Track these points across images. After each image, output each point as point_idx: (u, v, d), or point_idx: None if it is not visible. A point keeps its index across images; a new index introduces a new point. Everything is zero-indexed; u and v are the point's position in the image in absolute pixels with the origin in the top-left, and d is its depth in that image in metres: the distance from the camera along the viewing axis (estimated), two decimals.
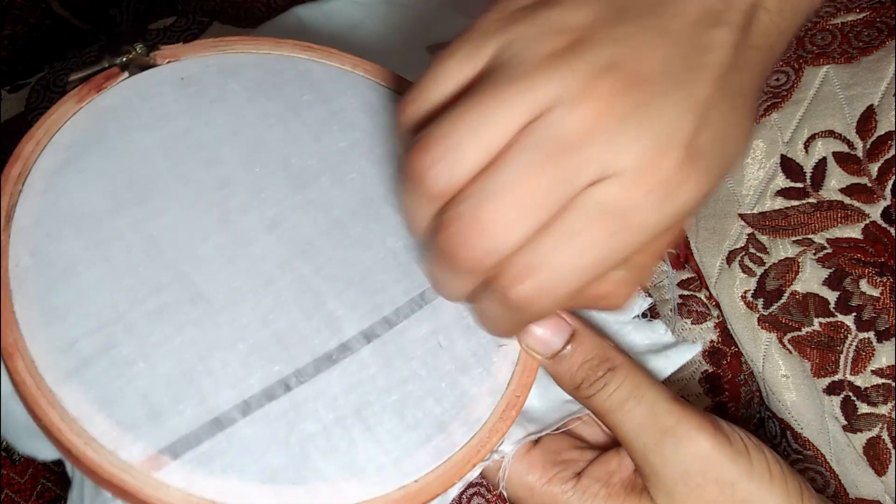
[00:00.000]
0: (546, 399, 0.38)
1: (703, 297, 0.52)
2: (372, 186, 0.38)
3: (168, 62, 0.39)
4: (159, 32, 0.61)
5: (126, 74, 0.38)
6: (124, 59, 0.38)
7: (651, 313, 0.49)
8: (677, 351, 0.39)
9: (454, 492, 0.35)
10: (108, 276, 0.33)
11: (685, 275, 0.52)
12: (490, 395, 0.35)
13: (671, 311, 0.47)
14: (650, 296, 0.40)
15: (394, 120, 0.31)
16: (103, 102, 0.37)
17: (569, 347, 0.35)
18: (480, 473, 0.36)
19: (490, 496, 0.45)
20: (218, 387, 0.32)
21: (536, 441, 0.37)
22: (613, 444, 0.38)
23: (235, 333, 0.33)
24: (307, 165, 0.38)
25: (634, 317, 0.40)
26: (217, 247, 0.35)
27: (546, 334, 0.36)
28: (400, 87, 0.42)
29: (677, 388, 0.50)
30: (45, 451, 0.33)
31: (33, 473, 0.46)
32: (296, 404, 0.32)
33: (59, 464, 0.37)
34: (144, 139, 0.36)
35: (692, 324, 0.50)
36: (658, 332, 0.39)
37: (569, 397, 0.37)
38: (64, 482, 0.46)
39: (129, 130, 0.36)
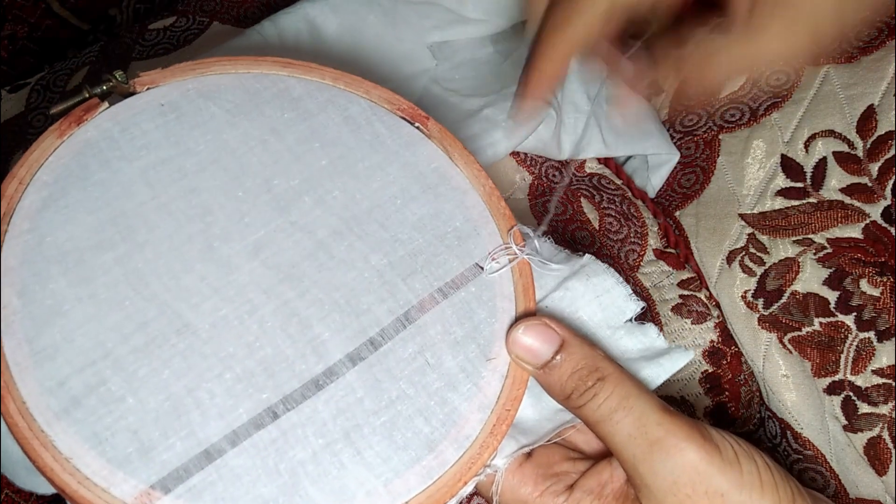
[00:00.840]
0: (539, 408, 0.38)
1: (703, 297, 0.51)
2: (354, 204, 0.38)
3: (147, 89, 0.39)
4: (159, 32, 0.61)
5: (106, 104, 0.38)
6: (104, 88, 0.38)
7: (651, 314, 0.49)
8: (670, 358, 0.39)
9: None
10: (94, 314, 0.33)
11: (685, 275, 0.52)
12: (480, 411, 0.35)
13: (671, 311, 0.47)
14: (642, 299, 0.39)
15: None
16: (84, 135, 0.37)
17: (558, 357, 0.35)
18: (474, 488, 0.36)
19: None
20: (206, 418, 0.32)
21: (529, 454, 0.37)
22: (608, 452, 0.38)
23: (222, 363, 0.33)
24: (289, 186, 0.38)
25: (627, 321, 0.39)
26: (201, 276, 0.35)
27: (535, 344, 0.36)
28: (379, 98, 0.41)
29: (677, 388, 0.50)
30: (43, 486, 0.34)
31: None
32: (284, 432, 0.33)
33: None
34: (126, 171, 0.37)
35: (692, 324, 0.50)
36: (650, 336, 0.39)
37: (561, 406, 0.38)
38: None
39: (109, 162, 0.37)
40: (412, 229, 0.38)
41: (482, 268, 0.38)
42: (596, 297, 0.39)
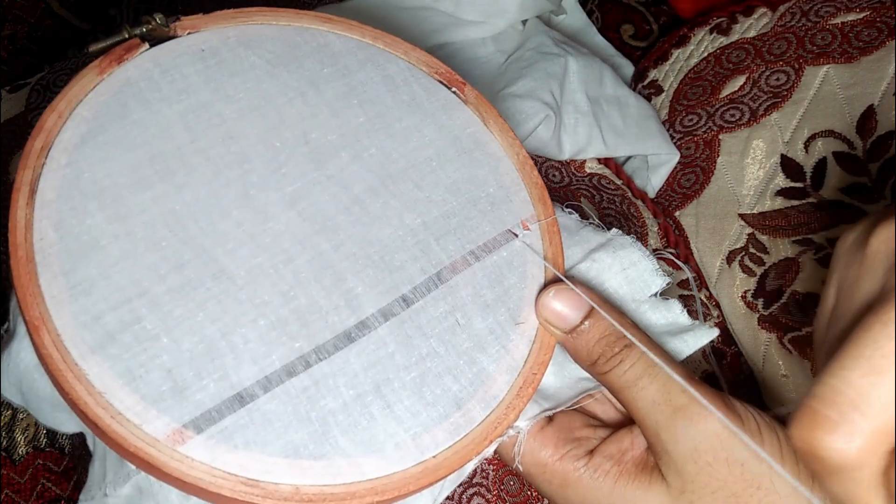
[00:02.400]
0: (561, 377, 0.38)
1: (703, 297, 0.52)
2: (390, 163, 0.38)
3: (188, 33, 0.39)
4: None
5: (146, 46, 0.38)
6: (144, 30, 0.38)
7: None
8: (694, 335, 0.39)
9: (470, 467, 0.35)
10: (131, 252, 0.33)
11: (685, 275, 0.53)
12: (507, 373, 0.36)
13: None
14: (668, 275, 0.40)
15: None
16: (124, 74, 0.37)
17: (586, 323, 0.36)
18: (496, 449, 0.36)
19: (490, 496, 0.46)
20: (240, 363, 0.32)
21: (550, 418, 0.38)
22: (626, 422, 0.38)
23: (256, 310, 0.33)
24: (327, 141, 0.38)
25: (651, 295, 0.40)
26: (238, 223, 0.35)
27: (564, 309, 0.36)
28: (418, 61, 0.41)
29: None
30: (67, 424, 0.33)
31: (33, 473, 0.47)
32: (316, 381, 0.33)
33: (58, 463, 0.38)
34: (165, 112, 0.36)
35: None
36: (674, 312, 0.40)
37: (583, 375, 0.38)
38: (64, 482, 0.47)
39: (149, 103, 0.36)
40: (446, 191, 0.38)
41: (515, 234, 0.38)
42: (623, 269, 0.40)
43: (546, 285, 0.37)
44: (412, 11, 0.58)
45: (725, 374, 0.52)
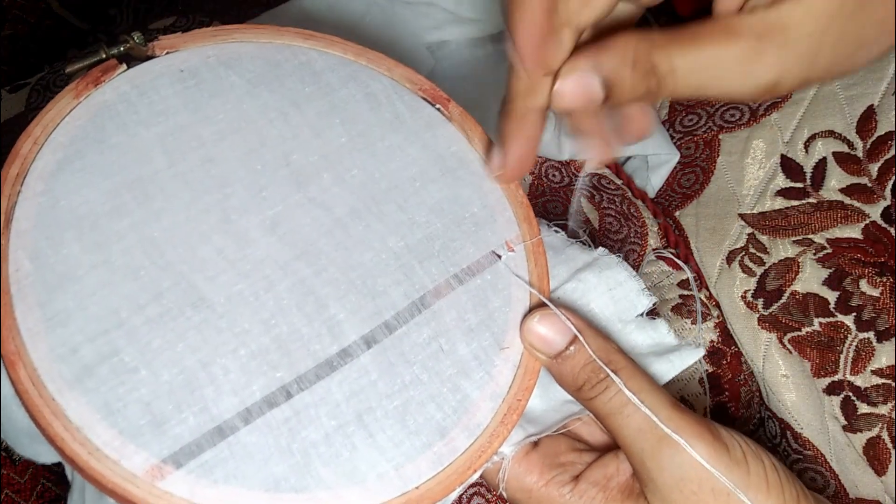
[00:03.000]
0: (546, 399, 0.38)
1: (703, 297, 0.52)
2: (373, 183, 0.38)
3: (166, 53, 0.38)
4: (159, 32, 0.60)
5: (123, 67, 0.37)
6: (122, 50, 0.37)
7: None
8: (679, 355, 0.39)
9: (454, 496, 0.35)
10: (108, 281, 0.33)
11: (685, 275, 0.52)
12: (491, 400, 0.35)
13: (671, 311, 0.47)
14: (653, 294, 0.40)
15: None
16: (101, 97, 0.36)
17: (572, 348, 0.35)
18: (480, 475, 0.36)
19: (490, 496, 0.46)
20: (220, 394, 0.32)
21: (535, 443, 0.37)
22: (612, 446, 0.38)
23: (237, 339, 0.33)
24: (308, 162, 0.37)
25: (637, 315, 0.40)
26: (218, 249, 0.34)
27: (549, 334, 0.36)
28: (401, 77, 0.41)
29: (677, 388, 0.51)
30: (45, 455, 0.33)
31: (33, 473, 0.47)
32: (297, 411, 0.33)
33: (58, 464, 0.38)
34: (143, 136, 0.36)
35: (692, 324, 0.50)
36: (661, 332, 0.39)
37: (569, 398, 0.38)
38: (64, 482, 0.47)
39: (127, 126, 0.36)
40: (430, 212, 0.38)
41: (499, 256, 0.38)
42: (608, 289, 0.39)
43: (532, 308, 0.37)
44: (414, 7, 0.57)
45: (725, 374, 0.52)
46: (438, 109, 0.41)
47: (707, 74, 0.32)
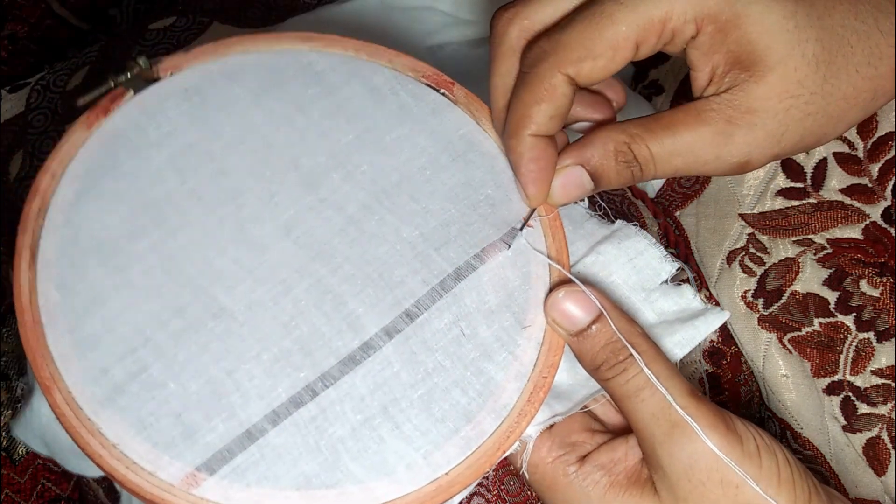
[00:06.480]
0: (573, 374, 0.38)
1: (703, 297, 0.51)
2: (383, 177, 0.38)
3: (171, 73, 0.39)
4: (159, 32, 0.61)
5: (131, 93, 0.38)
6: (128, 76, 0.39)
7: None
8: (704, 320, 0.38)
9: (459, 497, 0.35)
10: (132, 301, 0.34)
11: (685, 275, 0.51)
12: (516, 380, 0.35)
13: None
14: (677, 259, 0.39)
15: None
16: (111, 125, 0.37)
17: (594, 327, 0.35)
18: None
19: (490, 496, 0.46)
20: (247, 399, 0.33)
21: None
22: (626, 428, 0.38)
23: (259, 344, 0.34)
24: (317, 163, 0.38)
25: (662, 282, 0.39)
26: (234, 259, 0.35)
27: (574, 310, 0.35)
28: (403, 67, 0.41)
29: None
30: (92, 470, 0.35)
31: (33, 473, 0.48)
32: (323, 409, 0.33)
33: (58, 463, 0.39)
34: (154, 158, 0.37)
35: None
36: (687, 298, 0.38)
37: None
38: (64, 482, 0.48)
39: (138, 151, 0.37)
40: (443, 199, 0.38)
41: (516, 233, 0.38)
42: (629, 259, 0.39)
43: (556, 285, 0.37)
44: (411, 12, 0.57)
45: (725, 374, 0.51)
46: (443, 94, 0.41)
47: (683, 159, 0.34)
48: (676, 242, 0.54)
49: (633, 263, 0.38)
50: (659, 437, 0.34)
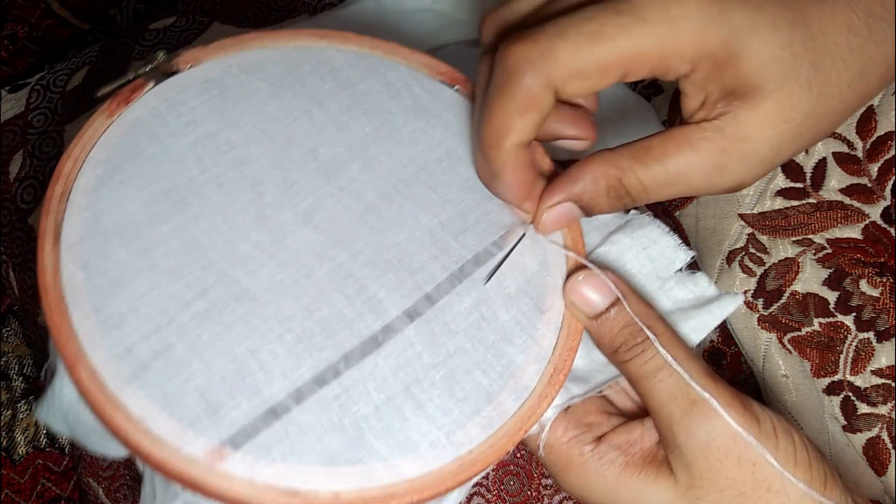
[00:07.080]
0: (590, 359, 0.38)
1: None
2: (401, 168, 0.39)
3: (190, 67, 0.40)
4: (159, 32, 0.61)
5: (152, 84, 0.39)
6: (148, 69, 0.39)
7: None
8: (720, 305, 0.38)
9: (457, 496, 0.35)
10: (156, 283, 0.34)
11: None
12: (536, 362, 0.36)
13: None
14: (691, 248, 0.39)
15: None
16: (132, 114, 0.38)
17: (612, 311, 0.36)
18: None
19: (490, 496, 0.46)
20: (270, 378, 0.33)
21: None
22: (641, 413, 0.38)
23: (282, 325, 0.34)
24: (335, 154, 0.39)
25: (677, 270, 0.39)
26: (256, 244, 0.36)
27: (592, 294, 0.36)
28: (418, 64, 0.42)
29: None
30: (115, 450, 0.34)
31: (33, 473, 0.47)
32: (346, 388, 0.33)
33: (58, 463, 0.39)
34: (175, 146, 0.37)
35: None
36: (701, 286, 0.39)
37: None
38: (63, 482, 0.48)
39: (159, 139, 0.37)
40: (460, 190, 0.39)
41: (532, 222, 0.38)
42: (643, 248, 0.40)
43: (573, 272, 0.37)
44: (410, 14, 0.58)
45: (725, 375, 0.51)
46: (457, 90, 0.41)
47: (675, 188, 0.34)
48: None
49: (648, 252, 0.39)
50: (677, 416, 0.34)
